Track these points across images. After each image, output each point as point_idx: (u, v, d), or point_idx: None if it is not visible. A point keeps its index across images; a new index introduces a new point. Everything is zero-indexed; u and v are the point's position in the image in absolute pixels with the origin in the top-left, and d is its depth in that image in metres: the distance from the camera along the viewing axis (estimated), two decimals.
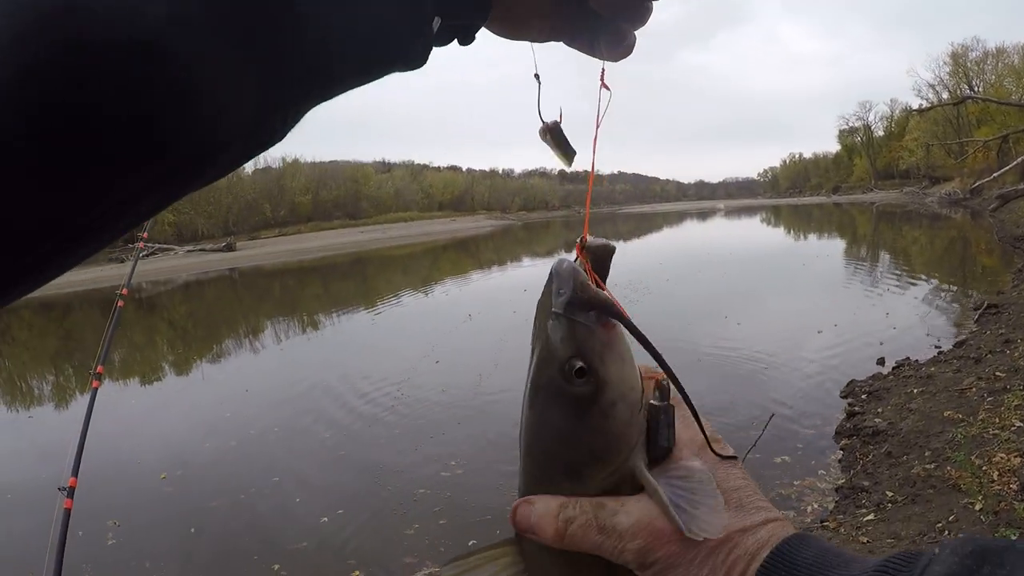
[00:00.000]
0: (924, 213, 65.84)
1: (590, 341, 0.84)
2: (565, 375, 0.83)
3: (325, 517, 8.55)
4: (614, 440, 0.83)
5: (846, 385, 11.80)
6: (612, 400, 0.83)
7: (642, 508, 0.81)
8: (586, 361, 0.83)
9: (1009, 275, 21.71)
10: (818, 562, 0.73)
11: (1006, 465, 7.13)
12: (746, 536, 0.78)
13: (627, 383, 0.85)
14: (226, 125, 0.59)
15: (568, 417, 0.84)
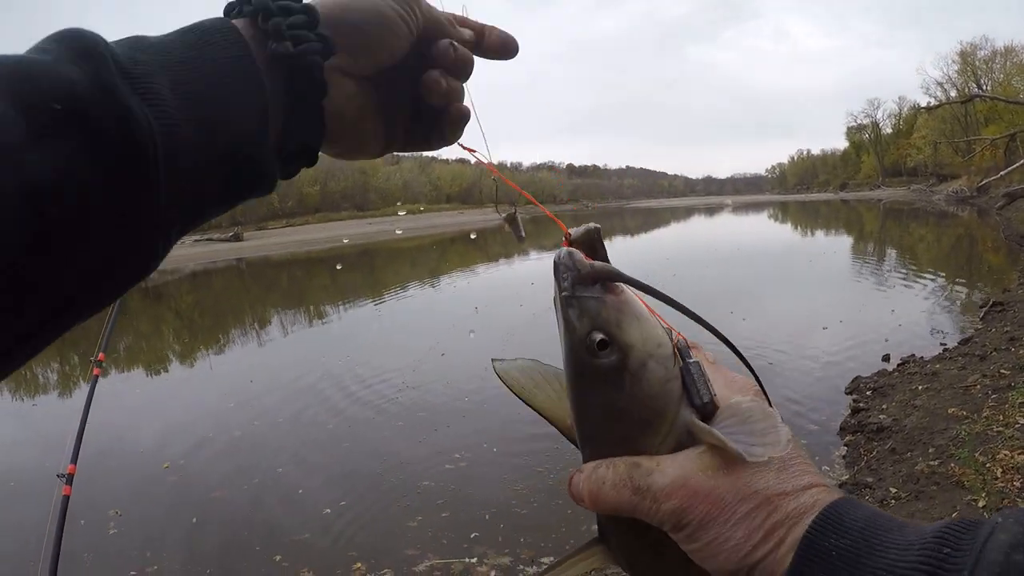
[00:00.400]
0: (931, 211, 65.75)
1: (602, 311, 0.85)
2: (590, 352, 0.83)
3: (328, 508, 8.55)
4: (656, 400, 0.83)
5: (851, 381, 11.77)
6: (642, 360, 0.83)
7: (679, 466, 0.80)
8: (604, 331, 0.83)
9: (1015, 273, 21.69)
10: (870, 525, 0.71)
11: (1010, 462, 7.11)
12: (787, 500, 0.76)
13: (652, 340, 0.85)
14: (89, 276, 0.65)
15: (605, 391, 0.84)
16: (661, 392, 0.83)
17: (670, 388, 0.84)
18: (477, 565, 7.10)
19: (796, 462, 0.79)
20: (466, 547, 7.43)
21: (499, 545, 7.41)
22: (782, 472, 0.78)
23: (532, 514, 7.98)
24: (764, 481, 0.77)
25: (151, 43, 0.71)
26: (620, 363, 0.83)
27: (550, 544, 7.32)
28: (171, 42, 0.72)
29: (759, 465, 0.78)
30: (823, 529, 0.72)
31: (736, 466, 0.78)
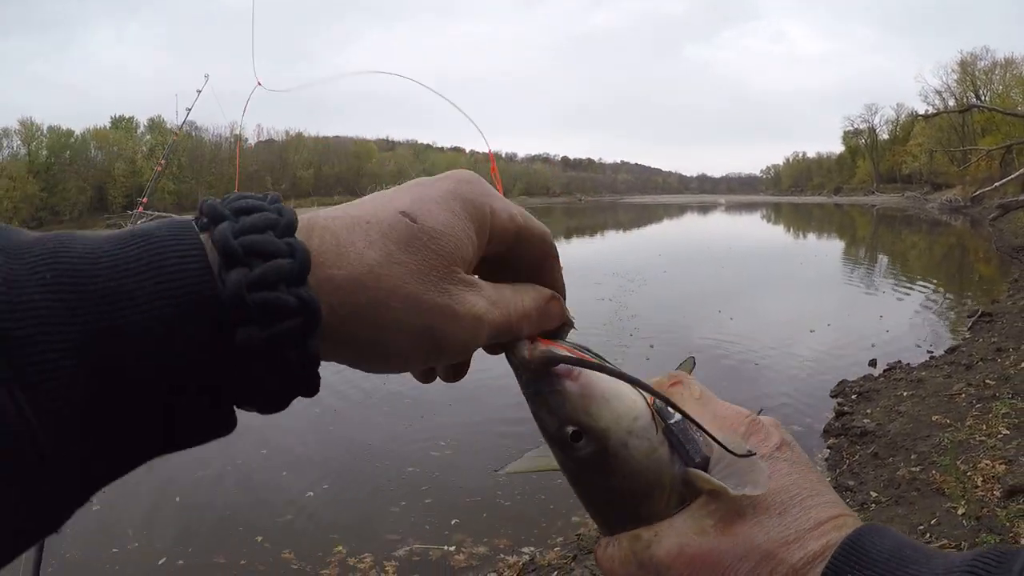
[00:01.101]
0: (924, 219, 65.94)
1: (565, 402, 0.80)
2: (567, 447, 0.80)
3: (311, 492, 8.56)
4: (647, 473, 0.79)
5: (836, 385, 11.81)
6: (622, 441, 0.79)
7: (675, 533, 0.75)
8: (574, 423, 0.79)
9: (1005, 285, 21.73)
10: (896, 556, 0.66)
11: (991, 472, 7.15)
12: (791, 549, 0.70)
13: (626, 416, 0.80)
14: None
15: (598, 478, 0.81)
16: (649, 463, 0.79)
17: (659, 456, 0.80)
18: (455, 553, 7.13)
19: (799, 500, 0.74)
20: (446, 534, 7.45)
21: (479, 534, 7.43)
22: (784, 516, 0.73)
23: (514, 506, 8.00)
24: (764, 533, 0.72)
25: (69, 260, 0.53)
26: (600, 450, 0.79)
27: (532, 537, 7.35)
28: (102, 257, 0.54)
29: (757, 515, 0.73)
30: (846, 561, 0.67)
31: (734, 521, 0.73)
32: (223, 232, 0.57)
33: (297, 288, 0.57)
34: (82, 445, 0.52)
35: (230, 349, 0.56)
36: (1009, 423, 8.36)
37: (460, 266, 0.69)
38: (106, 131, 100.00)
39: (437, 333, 0.67)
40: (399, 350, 0.66)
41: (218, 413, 0.60)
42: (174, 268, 0.55)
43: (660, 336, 15.21)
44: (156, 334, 0.53)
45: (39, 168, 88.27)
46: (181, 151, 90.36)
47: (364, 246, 0.63)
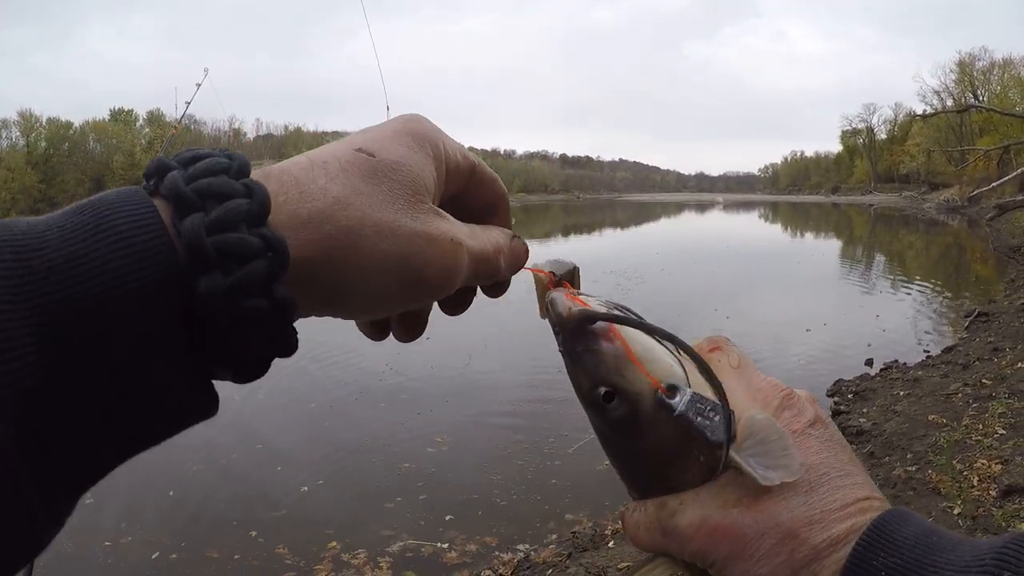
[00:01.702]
0: (921, 218, 66.00)
1: (600, 362, 0.78)
2: (599, 407, 0.79)
3: (305, 487, 8.55)
4: (681, 435, 0.76)
5: (833, 384, 11.79)
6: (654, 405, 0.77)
7: (700, 504, 0.74)
8: (607, 383, 0.78)
9: (1002, 284, 21.74)
10: (921, 543, 0.66)
11: (987, 471, 7.14)
12: (815, 530, 0.69)
13: (660, 378, 0.78)
14: None
15: (626, 440, 0.80)
16: (685, 425, 0.76)
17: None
18: (448, 550, 7.11)
19: (828, 480, 0.73)
20: (441, 531, 7.44)
21: (473, 531, 7.42)
22: (810, 495, 0.72)
23: (510, 503, 7.99)
24: (788, 511, 0.71)
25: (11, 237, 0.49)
26: (632, 412, 0.77)
27: (527, 534, 7.34)
28: (47, 231, 0.51)
29: (783, 492, 0.72)
30: (871, 546, 0.66)
31: (759, 497, 0.72)
32: (173, 180, 0.55)
33: (259, 228, 0.55)
34: (52, 427, 0.48)
35: (194, 305, 0.52)
36: (1005, 423, 8.35)
37: (425, 196, 0.67)
38: (105, 123, 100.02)
39: (415, 259, 0.63)
40: (378, 283, 0.62)
41: (196, 387, 0.56)
42: (125, 226, 0.51)
43: None
44: (113, 297, 0.49)
45: (38, 159, 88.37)
46: (180, 144, 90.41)
47: (325, 182, 0.61)
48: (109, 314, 0.49)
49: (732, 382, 0.80)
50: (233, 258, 0.53)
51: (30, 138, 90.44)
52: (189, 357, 0.54)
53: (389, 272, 0.62)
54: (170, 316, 0.51)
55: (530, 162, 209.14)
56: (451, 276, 0.67)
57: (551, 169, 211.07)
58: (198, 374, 0.56)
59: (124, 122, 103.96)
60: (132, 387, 0.51)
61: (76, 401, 0.49)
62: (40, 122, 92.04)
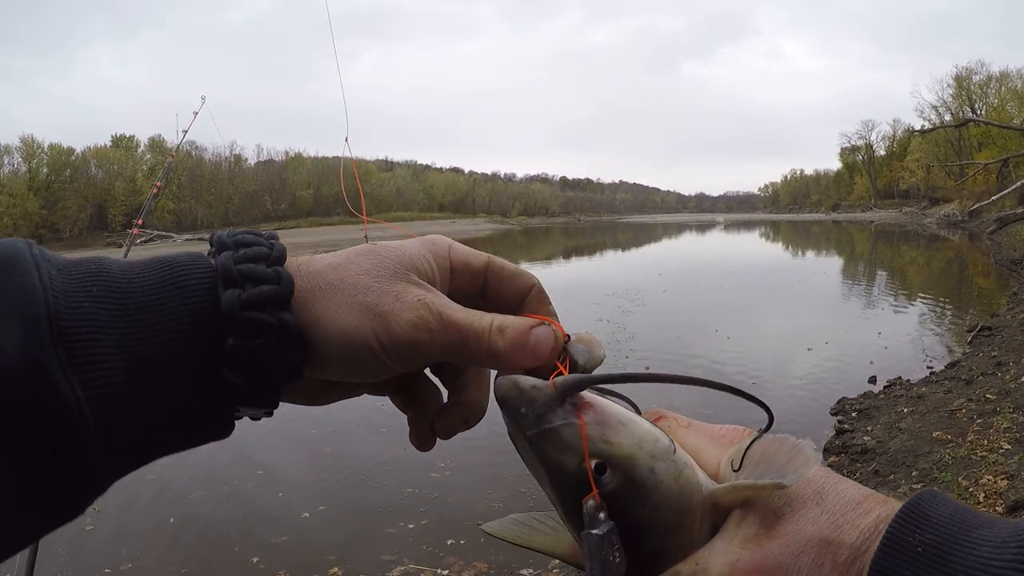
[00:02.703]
0: (922, 234, 66.12)
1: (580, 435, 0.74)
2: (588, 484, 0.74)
3: (307, 512, 8.53)
4: (679, 499, 0.74)
5: (836, 402, 11.77)
6: (648, 467, 0.74)
7: (719, 554, 0.72)
8: (594, 456, 0.73)
9: (1004, 298, 21.77)
10: (956, 520, 0.65)
11: (993, 487, 7.11)
12: (846, 531, 0.68)
13: (647, 439, 0.75)
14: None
15: (626, 514, 0.74)
16: (680, 487, 0.74)
17: (686, 478, 0.75)
18: (450, 575, 7.10)
19: (830, 485, 0.73)
20: (442, 555, 7.44)
21: (476, 555, 7.40)
22: (822, 503, 0.71)
23: None
24: (812, 524, 0.70)
25: (110, 278, 0.65)
26: (627, 481, 0.73)
27: (528, 560, 7.30)
28: (135, 277, 0.66)
29: (796, 511, 0.71)
30: (906, 524, 0.65)
31: (775, 524, 0.71)
32: (226, 259, 0.70)
33: (280, 311, 0.68)
34: (120, 424, 0.62)
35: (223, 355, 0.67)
36: (1010, 438, 8.32)
37: (412, 272, 0.76)
38: (107, 149, 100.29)
39: (382, 309, 0.72)
40: (352, 322, 0.71)
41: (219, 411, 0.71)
42: (195, 287, 0.67)
43: (656, 358, 15.14)
44: (181, 337, 0.65)
45: (39, 185, 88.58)
46: (181, 170, 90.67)
47: (329, 256, 0.76)
48: (174, 350, 0.64)
49: (691, 439, 0.81)
50: (254, 332, 0.67)
51: (32, 164, 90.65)
52: (218, 389, 0.68)
53: (358, 315, 0.72)
54: (211, 357, 0.67)
55: (530, 185, 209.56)
56: (417, 332, 0.73)
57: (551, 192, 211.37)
58: (222, 400, 0.70)
59: (126, 148, 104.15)
60: (177, 402, 0.66)
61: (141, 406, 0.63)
62: (42, 148, 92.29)
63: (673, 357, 15.48)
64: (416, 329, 0.73)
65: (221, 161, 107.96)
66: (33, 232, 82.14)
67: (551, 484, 0.76)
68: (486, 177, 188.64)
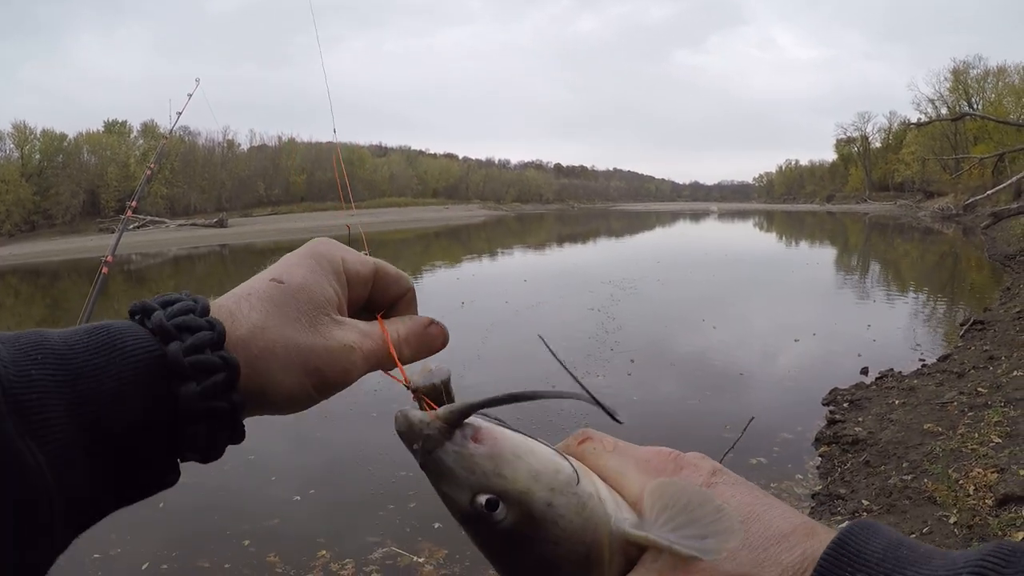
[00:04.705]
0: (916, 227, 66.10)
1: (474, 468, 0.73)
2: (484, 518, 0.72)
3: (298, 496, 8.54)
4: (584, 533, 0.70)
5: (828, 393, 11.78)
6: (545, 500, 0.71)
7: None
8: (486, 490, 0.72)
9: (997, 292, 21.76)
10: (890, 556, 0.61)
11: (983, 480, 7.12)
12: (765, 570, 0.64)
13: (545, 472, 0.72)
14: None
15: (522, 553, 0.72)
16: (583, 522, 0.70)
17: (591, 511, 0.71)
18: (434, 556, 7.10)
19: (755, 517, 0.68)
20: (428, 538, 7.43)
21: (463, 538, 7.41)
22: (747, 534, 0.67)
23: None
24: (730, 560, 0.65)
25: (52, 346, 0.67)
26: (522, 516, 0.71)
27: None
28: (75, 344, 0.69)
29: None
30: (834, 562, 0.61)
31: (695, 561, 0.66)
32: (159, 317, 0.74)
33: (219, 351, 0.73)
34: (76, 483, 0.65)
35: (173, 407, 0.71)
36: (1001, 431, 8.33)
37: (327, 309, 0.83)
38: (99, 135, 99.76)
39: (315, 363, 0.80)
40: (294, 384, 0.79)
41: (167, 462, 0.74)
42: (131, 347, 0.70)
43: (643, 349, 15.12)
44: (123, 395, 0.67)
45: (32, 172, 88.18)
46: (174, 156, 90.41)
47: (248, 310, 0.79)
48: (120, 407, 0.67)
49: (615, 463, 0.77)
50: (203, 372, 0.71)
51: (24, 150, 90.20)
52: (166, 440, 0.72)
53: (298, 375, 0.79)
54: (157, 411, 0.70)
55: (524, 172, 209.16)
56: (348, 373, 0.84)
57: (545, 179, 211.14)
58: (170, 453, 0.73)
59: (118, 133, 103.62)
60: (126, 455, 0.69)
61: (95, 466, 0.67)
62: (34, 134, 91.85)
63: (659, 349, 15.49)
64: (346, 374, 0.83)
65: (214, 146, 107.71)
66: (26, 218, 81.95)
67: (455, 516, 0.76)
68: (480, 163, 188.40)
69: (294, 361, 0.79)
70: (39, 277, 42.32)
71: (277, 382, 0.78)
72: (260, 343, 0.77)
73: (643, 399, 11.88)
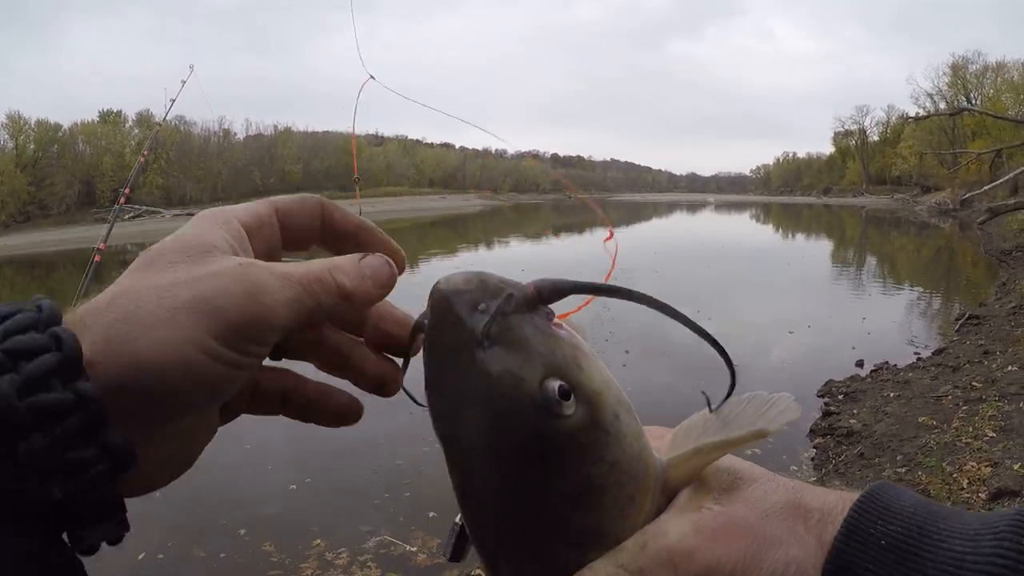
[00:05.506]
0: (913, 221, 66.05)
1: (555, 346, 0.62)
2: (546, 409, 0.60)
3: (293, 485, 8.55)
4: (639, 460, 0.64)
5: (823, 384, 11.79)
6: (614, 412, 0.63)
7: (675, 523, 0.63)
8: (563, 375, 0.61)
9: (993, 287, 21.77)
10: (921, 511, 0.59)
11: (976, 474, 7.14)
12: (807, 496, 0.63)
13: (614, 384, 0.65)
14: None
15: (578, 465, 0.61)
16: (640, 449, 0.64)
17: (646, 441, 0.65)
18: (429, 545, 7.11)
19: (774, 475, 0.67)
20: (423, 527, 7.43)
21: None
22: (776, 479, 0.66)
23: None
24: (774, 489, 0.64)
25: None
26: (590, 420, 0.61)
27: None
28: None
29: (751, 484, 0.65)
30: (865, 514, 0.59)
31: (733, 490, 0.65)
32: (4, 391, 0.51)
33: (73, 382, 0.52)
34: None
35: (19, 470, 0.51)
36: (995, 426, 8.35)
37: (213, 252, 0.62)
38: (94, 125, 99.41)
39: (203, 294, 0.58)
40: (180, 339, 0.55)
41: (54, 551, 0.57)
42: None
43: (637, 339, 15.09)
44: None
45: (27, 162, 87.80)
46: (169, 145, 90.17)
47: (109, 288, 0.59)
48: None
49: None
50: (50, 417, 0.51)
51: (18, 140, 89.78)
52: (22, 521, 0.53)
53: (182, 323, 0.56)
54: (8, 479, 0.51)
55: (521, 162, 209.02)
56: (258, 299, 0.59)
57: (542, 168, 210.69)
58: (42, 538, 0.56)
59: (113, 123, 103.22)
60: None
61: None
62: (29, 124, 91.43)
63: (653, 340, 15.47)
64: (256, 301, 0.59)
65: (210, 136, 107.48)
66: (21, 209, 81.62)
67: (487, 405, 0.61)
68: (477, 153, 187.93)
69: (169, 302, 0.57)
70: (34, 268, 42.27)
71: (153, 341, 0.55)
72: (120, 307, 0.56)
73: (638, 389, 11.86)
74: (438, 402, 0.67)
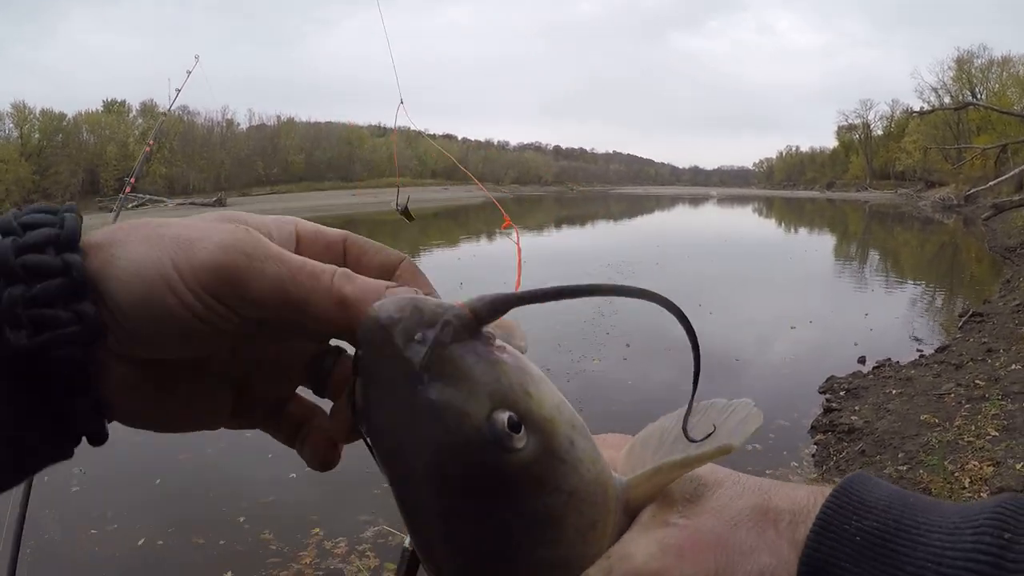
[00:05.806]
0: (917, 216, 66.06)
1: (500, 374, 0.58)
2: (495, 444, 0.56)
3: (293, 473, 8.53)
4: (597, 486, 0.60)
5: (825, 381, 11.78)
6: (568, 438, 0.59)
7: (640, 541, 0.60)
8: (511, 406, 0.57)
9: (997, 285, 21.74)
10: (897, 503, 0.57)
11: (978, 473, 7.12)
12: (775, 498, 0.61)
13: (566, 407, 0.61)
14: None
15: (533, 497, 0.58)
16: (597, 474, 0.60)
17: (603, 464, 0.61)
18: None
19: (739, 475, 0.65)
20: None
21: None
22: (741, 482, 0.64)
23: None
24: (737, 497, 0.61)
25: None
26: (543, 450, 0.57)
27: None
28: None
29: (715, 490, 0.62)
30: (839, 510, 0.57)
31: (696, 501, 0.62)
32: (4, 249, 0.56)
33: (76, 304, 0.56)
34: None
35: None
36: (998, 425, 8.33)
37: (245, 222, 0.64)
38: (98, 114, 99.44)
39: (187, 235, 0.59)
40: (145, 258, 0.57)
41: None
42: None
43: (639, 333, 15.04)
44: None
45: (31, 151, 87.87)
46: (173, 135, 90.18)
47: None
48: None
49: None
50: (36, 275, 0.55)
51: (23, 129, 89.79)
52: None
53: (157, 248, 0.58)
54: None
55: (523, 153, 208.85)
56: (227, 255, 0.58)
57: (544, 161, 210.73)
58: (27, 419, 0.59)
59: (117, 113, 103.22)
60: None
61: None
62: (34, 113, 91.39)
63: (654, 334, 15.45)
64: (226, 252, 0.58)
65: (213, 126, 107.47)
66: (25, 197, 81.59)
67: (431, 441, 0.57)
68: (479, 144, 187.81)
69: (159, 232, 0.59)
70: None
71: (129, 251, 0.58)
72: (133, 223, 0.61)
73: (638, 383, 11.87)
74: (378, 440, 0.64)
